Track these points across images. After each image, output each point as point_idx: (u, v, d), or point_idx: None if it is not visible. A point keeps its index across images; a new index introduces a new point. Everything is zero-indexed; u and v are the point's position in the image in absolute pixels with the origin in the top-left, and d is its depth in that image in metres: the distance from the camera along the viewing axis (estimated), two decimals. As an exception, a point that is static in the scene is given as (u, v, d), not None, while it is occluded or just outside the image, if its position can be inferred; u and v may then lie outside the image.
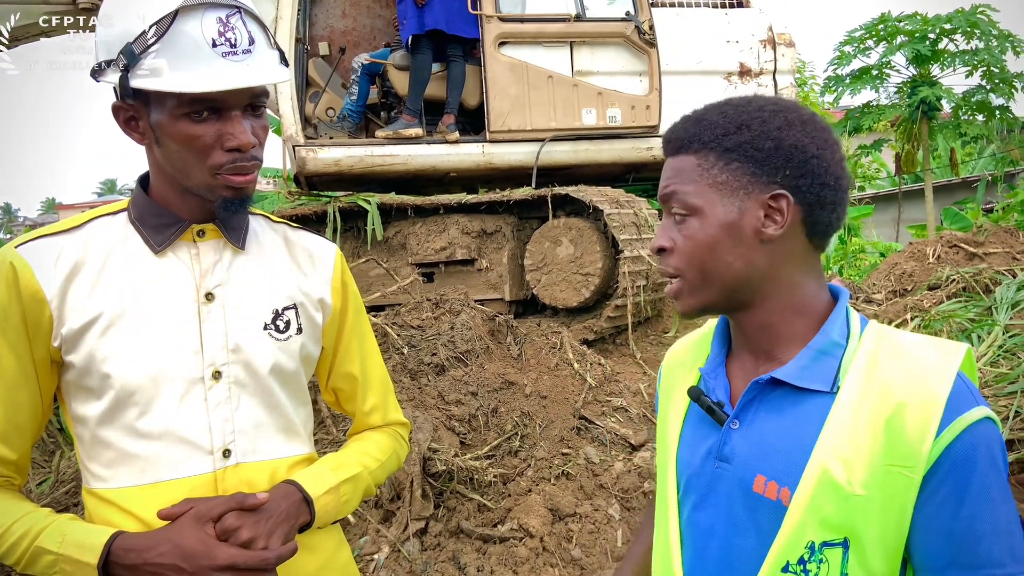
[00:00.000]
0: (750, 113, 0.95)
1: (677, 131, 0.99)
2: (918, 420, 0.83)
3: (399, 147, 5.32)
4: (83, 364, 1.08)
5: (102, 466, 1.10)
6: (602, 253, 4.67)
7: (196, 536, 1.01)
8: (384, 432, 1.38)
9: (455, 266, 5.14)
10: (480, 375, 3.69)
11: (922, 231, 11.71)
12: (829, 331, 0.94)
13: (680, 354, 1.17)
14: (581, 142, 5.63)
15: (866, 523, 0.85)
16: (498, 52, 5.37)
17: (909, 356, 0.89)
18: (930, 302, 4.90)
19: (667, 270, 0.99)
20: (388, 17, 6.32)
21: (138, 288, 1.11)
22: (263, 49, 1.10)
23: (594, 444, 3.48)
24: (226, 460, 1.12)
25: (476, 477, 3.16)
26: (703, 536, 0.98)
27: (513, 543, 2.90)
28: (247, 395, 1.15)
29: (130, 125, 1.12)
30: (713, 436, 0.99)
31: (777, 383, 0.94)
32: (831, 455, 0.86)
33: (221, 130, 1.08)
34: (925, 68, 10.08)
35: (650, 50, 5.62)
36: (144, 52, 1.03)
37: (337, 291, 1.30)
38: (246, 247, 1.20)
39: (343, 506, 1.20)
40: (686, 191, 0.96)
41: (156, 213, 1.15)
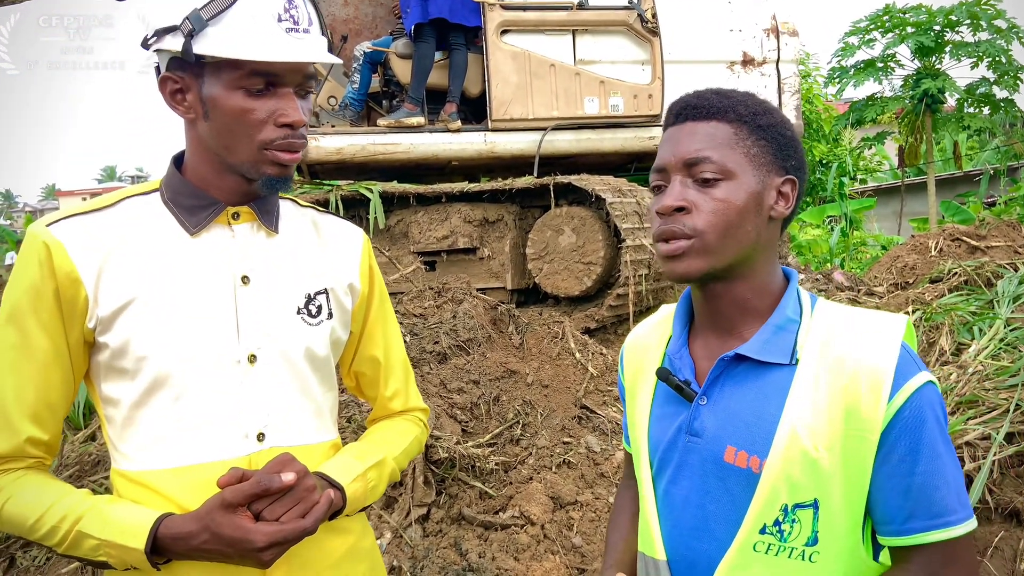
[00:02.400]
0: (766, 103, 1.03)
1: (704, 99, 1.01)
2: (871, 388, 0.92)
3: (401, 135, 5.31)
4: (118, 346, 1.07)
5: (135, 448, 1.10)
6: (604, 242, 4.66)
7: (231, 524, 0.99)
8: (405, 418, 1.39)
9: (457, 255, 5.14)
10: (482, 364, 3.69)
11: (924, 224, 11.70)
12: (784, 308, 1.02)
13: (641, 338, 1.22)
14: (583, 131, 5.61)
15: (832, 484, 0.93)
16: (500, 40, 5.35)
17: (858, 329, 0.98)
18: (932, 295, 4.90)
19: (679, 229, 0.98)
20: (390, 5, 6.29)
21: (174, 270, 1.10)
22: (317, 32, 1.12)
23: (595, 433, 3.48)
24: (260, 444, 1.12)
25: (478, 465, 3.17)
26: (679, 507, 1.05)
27: (514, 530, 2.91)
28: (281, 379, 1.15)
29: (175, 98, 1.10)
30: (682, 413, 1.05)
31: (741, 358, 1.01)
32: (797, 423, 0.94)
33: (275, 106, 1.08)
34: (929, 60, 10.04)
35: (653, 39, 5.60)
36: (212, 19, 1.03)
37: (365, 276, 1.30)
38: (279, 230, 1.20)
39: (370, 492, 1.21)
40: (723, 155, 0.98)
41: (191, 194, 1.14)
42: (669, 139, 1.03)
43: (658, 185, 1.04)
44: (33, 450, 1.08)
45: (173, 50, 1.05)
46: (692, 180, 0.99)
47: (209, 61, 1.05)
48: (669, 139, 1.03)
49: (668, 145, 1.03)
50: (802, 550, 0.94)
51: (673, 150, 1.01)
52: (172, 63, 1.08)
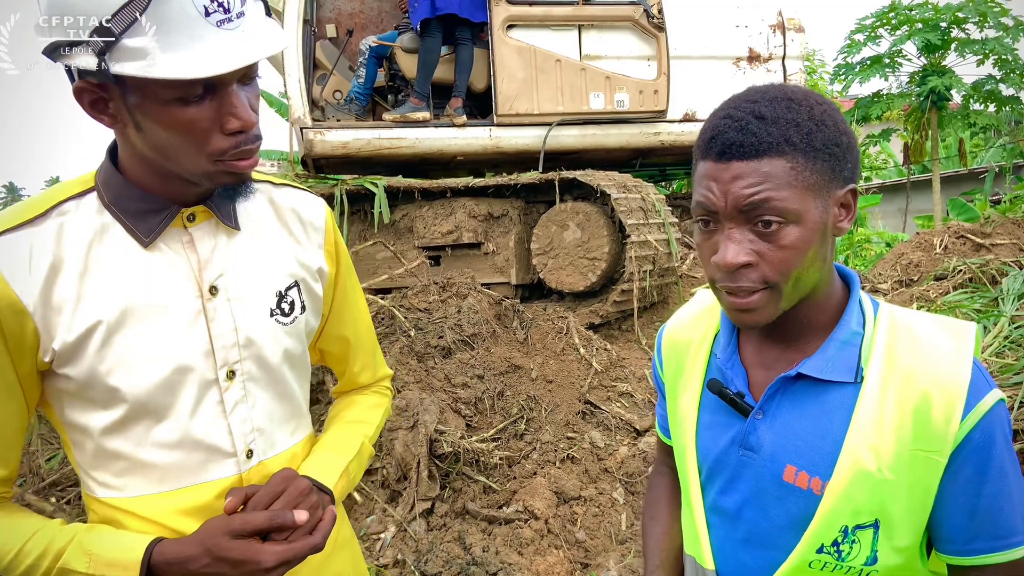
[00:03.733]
0: (812, 108, 0.92)
1: (751, 133, 0.88)
2: (943, 407, 0.87)
3: (406, 130, 5.31)
4: (84, 378, 0.96)
5: (112, 475, 1.01)
6: (609, 238, 4.66)
7: (237, 546, 0.95)
8: (374, 390, 1.35)
9: (462, 249, 5.14)
10: (486, 358, 3.70)
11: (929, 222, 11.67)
12: (848, 321, 0.96)
13: (682, 330, 1.17)
14: (588, 126, 5.61)
15: (894, 504, 0.89)
16: (506, 35, 5.34)
17: (926, 343, 0.92)
18: (936, 292, 4.90)
19: (747, 284, 0.90)
20: (395, 0, 6.29)
21: (132, 288, 0.98)
22: (253, 7, 0.95)
23: (599, 428, 3.49)
24: (249, 461, 1.07)
25: (482, 459, 3.18)
26: (731, 519, 1.02)
27: (518, 524, 2.92)
28: (261, 389, 1.08)
29: (97, 108, 0.94)
30: (735, 425, 1.01)
31: (801, 375, 0.96)
32: (862, 444, 0.90)
33: (219, 110, 0.93)
34: (935, 57, 10.00)
35: (659, 34, 5.58)
36: (127, 31, 0.85)
37: (331, 255, 1.21)
38: (240, 224, 1.09)
39: (351, 483, 1.19)
40: (783, 197, 0.87)
41: (137, 197, 1.00)
42: (713, 178, 0.90)
43: (705, 220, 0.93)
44: None
45: (86, 67, 0.88)
46: (751, 227, 0.89)
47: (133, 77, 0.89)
48: (713, 178, 0.90)
49: (714, 186, 0.90)
50: (860, 569, 0.91)
51: (723, 195, 0.89)
52: (85, 71, 0.90)
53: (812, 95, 0.94)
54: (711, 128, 0.92)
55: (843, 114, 0.96)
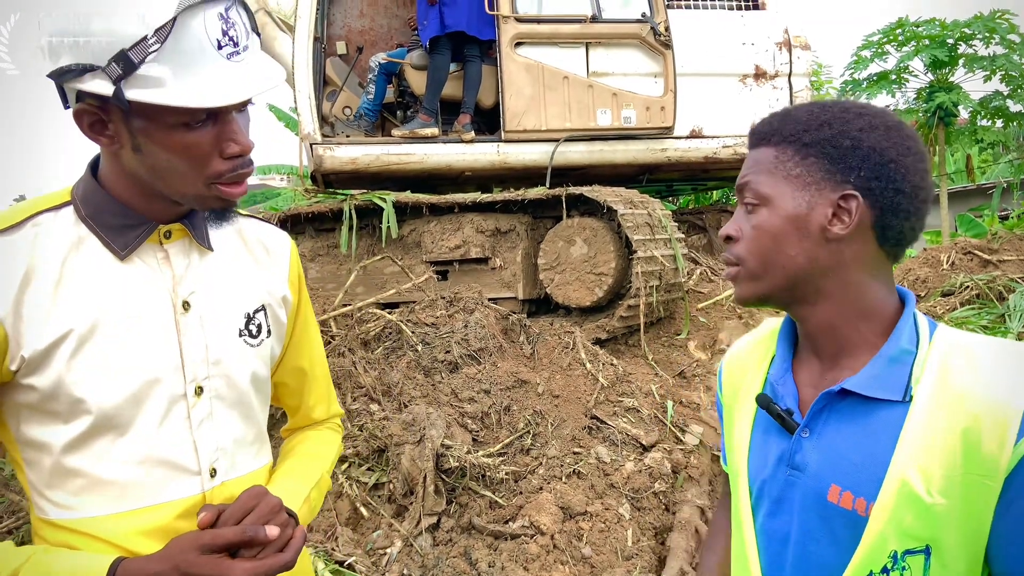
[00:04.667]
0: (834, 113, 0.97)
1: (761, 124, 1.02)
2: (995, 430, 0.84)
3: (415, 146, 5.36)
4: (49, 388, 0.95)
5: (68, 494, 0.99)
6: (615, 253, 4.68)
7: (206, 562, 0.93)
8: (327, 427, 1.35)
9: (469, 264, 5.17)
10: (493, 373, 3.71)
11: (937, 237, 11.65)
12: (899, 338, 0.94)
13: (742, 355, 1.17)
14: (596, 142, 5.64)
15: (947, 530, 0.86)
16: (514, 52, 5.39)
17: (980, 364, 0.89)
18: (943, 309, 4.90)
19: (728, 257, 1.01)
20: (404, 17, 6.36)
21: (105, 299, 0.99)
22: (253, 39, 1.00)
23: (605, 444, 3.50)
24: (213, 480, 1.06)
25: (488, 474, 3.19)
26: (778, 543, 1.00)
27: (524, 540, 2.93)
28: (226, 408, 1.08)
29: (95, 129, 0.97)
30: (783, 443, 1.00)
31: (847, 392, 0.94)
32: (909, 465, 0.87)
33: (219, 136, 0.97)
34: (942, 73, 10.02)
35: (665, 51, 5.62)
36: (144, 60, 0.89)
37: (294, 285, 1.23)
38: (213, 246, 1.11)
39: (312, 512, 1.20)
40: (759, 181, 0.98)
41: (116, 212, 1.01)
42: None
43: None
44: None
45: (99, 92, 0.90)
46: (743, 207, 1.01)
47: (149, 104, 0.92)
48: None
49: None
50: None
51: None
52: (86, 92, 0.93)
53: (855, 107, 0.97)
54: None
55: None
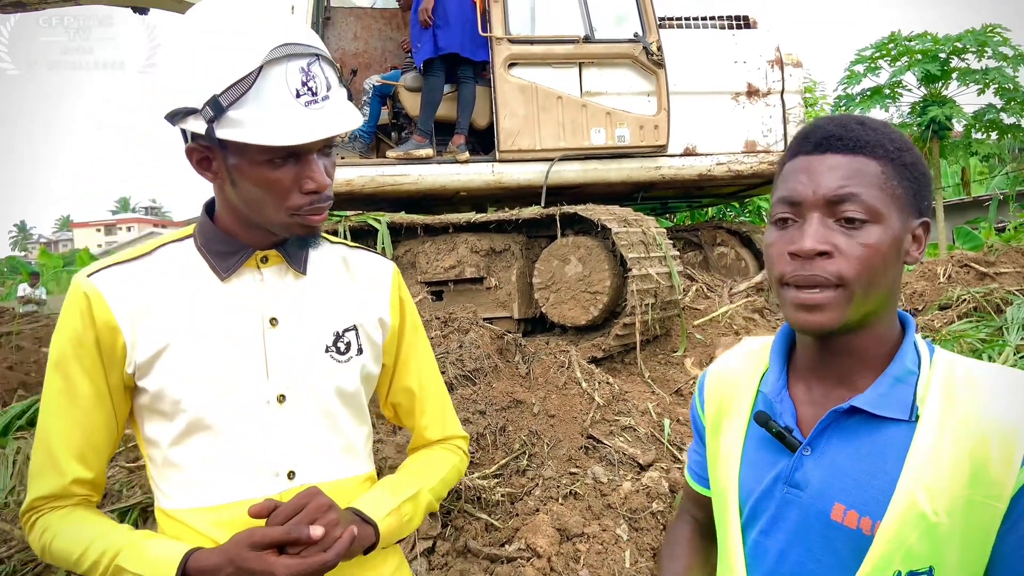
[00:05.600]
0: (903, 135, 0.95)
1: (850, 129, 0.92)
2: (1001, 452, 0.85)
3: (410, 167, 5.37)
4: (156, 390, 1.11)
5: (173, 486, 1.14)
6: (610, 271, 4.68)
7: (255, 558, 1.02)
8: (443, 447, 1.41)
9: (464, 284, 5.17)
10: (488, 393, 3.70)
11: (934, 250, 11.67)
12: (903, 358, 0.94)
13: (728, 371, 1.15)
14: (590, 161, 5.67)
15: (949, 551, 0.86)
16: (508, 73, 5.43)
17: (985, 387, 0.90)
18: (941, 322, 4.89)
19: (821, 277, 0.89)
20: (398, 40, 6.41)
21: (206, 314, 1.14)
22: (336, 91, 1.12)
23: (602, 463, 3.47)
24: (291, 481, 1.15)
25: (484, 496, 3.16)
26: (773, 561, 0.99)
27: (520, 563, 2.90)
28: (310, 417, 1.18)
29: (202, 165, 1.13)
30: (781, 461, 0.99)
31: (854, 410, 0.94)
32: (917, 485, 0.87)
33: (299, 173, 1.10)
34: (935, 87, 10.09)
35: (658, 71, 5.66)
36: (232, 104, 1.03)
37: (395, 308, 1.33)
38: (307, 271, 1.23)
39: (405, 525, 1.23)
40: (872, 195, 0.89)
41: (222, 240, 1.17)
42: (805, 170, 0.93)
43: (785, 218, 0.94)
44: (79, 489, 1.14)
45: (197, 131, 1.07)
46: (834, 220, 0.90)
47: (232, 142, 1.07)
48: (805, 170, 0.93)
49: (804, 177, 0.92)
50: None
51: (813, 183, 0.91)
52: (195, 134, 1.10)
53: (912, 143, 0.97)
54: (809, 127, 0.96)
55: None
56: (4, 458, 4.64)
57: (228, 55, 1.04)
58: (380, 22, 6.53)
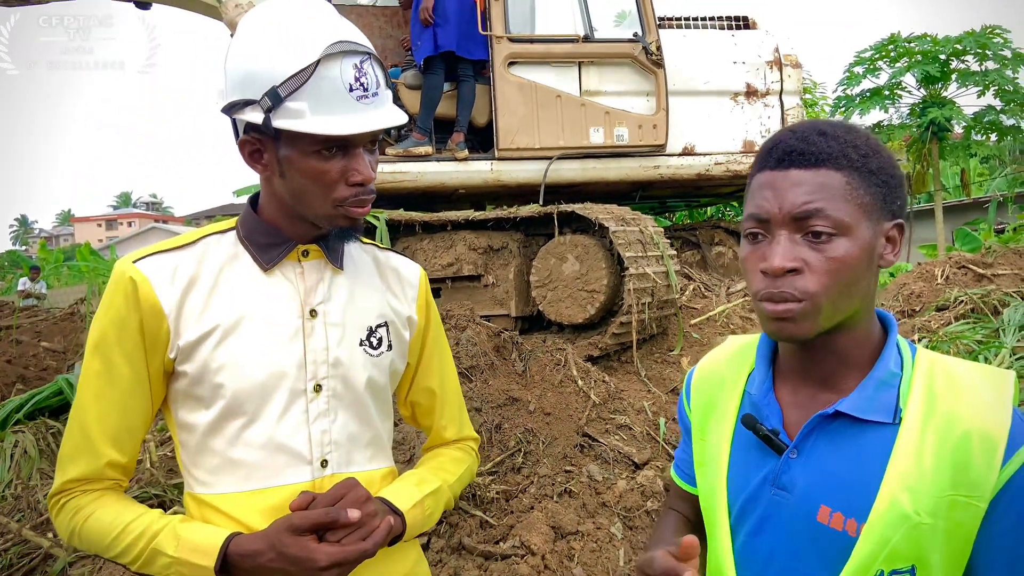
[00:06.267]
0: (870, 139, 0.95)
1: (811, 143, 0.92)
2: (983, 453, 0.87)
3: (409, 164, 5.39)
4: (196, 374, 1.14)
5: (207, 472, 1.17)
6: (608, 270, 4.69)
7: (296, 544, 1.05)
8: (459, 447, 1.45)
9: (462, 282, 5.18)
10: (484, 391, 3.71)
11: (933, 251, 11.68)
12: (887, 360, 0.96)
13: (715, 370, 1.16)
14: (589, 160, 5.68)
15: (932, 550, 0.88)
16: (507, 72, 5.44)
17: (966, 387, 0.92)
18: (938, 323, 4.90)
19: (790, 291, 0.91)
20: (398, 37, 6.41)
21: (248, 303, 1.18)
22: (384, 91, 1.17)
23: (597, 462, 3.48)
24: (323, 470, 1.18)
25: (479, 493, 3.17)
26: (761, 562, 1.00)
27: (515, 560, 2.91)
28: (343, 408, 1.21)
29: (253, 157, 1.17)
30: (768, 463, 1.00)
31: (839, 414, 0.95)
32: (899, 487, 0.89)
33: (346, 166, 1.14)
34: (935, 89, 10.09)
35: (657, 71, 5.67)
36: (290, 95, 1.08)
37: (422, 310, 1.38)
38: (344, 267, 1.27)
39: (427, 519, 1.26)
40: (837, 208, 0.90)
41: (265, 233, 1.21)
42: (770, 186, 0.93)
43: (755, 233, 0.96)
44: (112, 472, 1.15)
45: (254, 121, 1.11)
46: (801, 235, 0.91)
47: (286, 131, 1.11)
48: (770, 186, 0.93)
49: (770, 193, 0.93)
50: None
51: (778, 201, 0.92)
52: (249, 127, 1.15)
53: (869, 131, 0.98)
54: (772, 141, 0.97)
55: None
56: (2, 452, 4.66)
57: (288, 49, 1.09)
58: (381, 20, 6.54)
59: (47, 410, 5.13)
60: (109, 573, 2.91)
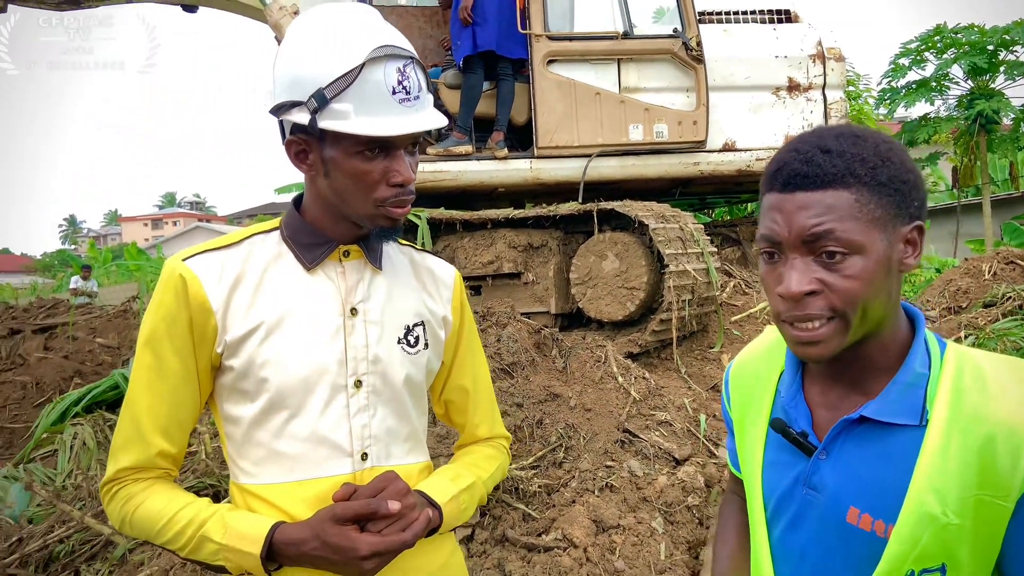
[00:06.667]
0: (878, 144, 0.94)
1: (815, 164, 0.92)
2: (1008, 452, 0.87)
3: (449, 163, 5.46)
4: (242, 368, 1.18)
5: (252, 463, 1.21)
6: (647, 267, 4.70)
7: (339, 533, 1.09)
8: (491, 445, 1.48)
9: (502, 279, 5.23)
10: (526, 387, 3.76)
11: (981, 246, 11.41)
12: (913, 362, 0.96)
13: (750, 366, 1.19)
14: (628, 157, 5.68)
15: (961, 549, 0.89)
16: (546, 70, 5.47)
17: (993, 385, 0.92)
18: (985, 320, 4.82)
19: (815, 313, 0.92)
20: (438, 37, 6.49)
21: (292, 301, 1.21)
22: (426, 95, 1.21)
23: (638, 457, 3.51)
24: (363, 463, 1.22)
25: (521, 487, 3.23)
26: (795, 557, 1.03)
27: (557, 552, 2.96)
28: (382, 403, 1.25)
29: (299, 157, 1.21)
30: (800, 463, 1.03)
31: (865, 418, 0.96)
32: (927, 488, 0.90)
33: (388, 167, 1.17)
34: (982, 80, 9.86)
35: (697, 66, 5.66)
36: (335, 97, 1.12)
37: (457, 310, 1.41)
38: (383, 267, 1.30)
39: (462, 513, 1.30)
40: (847, 228, 0.90)
41: (309, 233, 1.25)
42: (778, 209, 0.94)
43: (770, 252, 0.96)
44: (162, 462, 1.20)
45: (300, 122, 1.15)
46: (814, 257, 0.91)
47: (331, 131, 1.15)
48: (778, 209, 0.94)
49: (778, 216, 0.93)
50: None
51: (787, 224, 0.92)
52: (296, 128, 1.18)
53: (878, 134, 0.96)
54: (777, 161, 0.96)
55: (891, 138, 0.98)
56: (63, 443, 4.86)
57: (334, 53, 1.13)
58: (421, 20, 6.62)
59: (104, 403, 5.31)
60: (168, 559, 3.03)
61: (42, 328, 7.47)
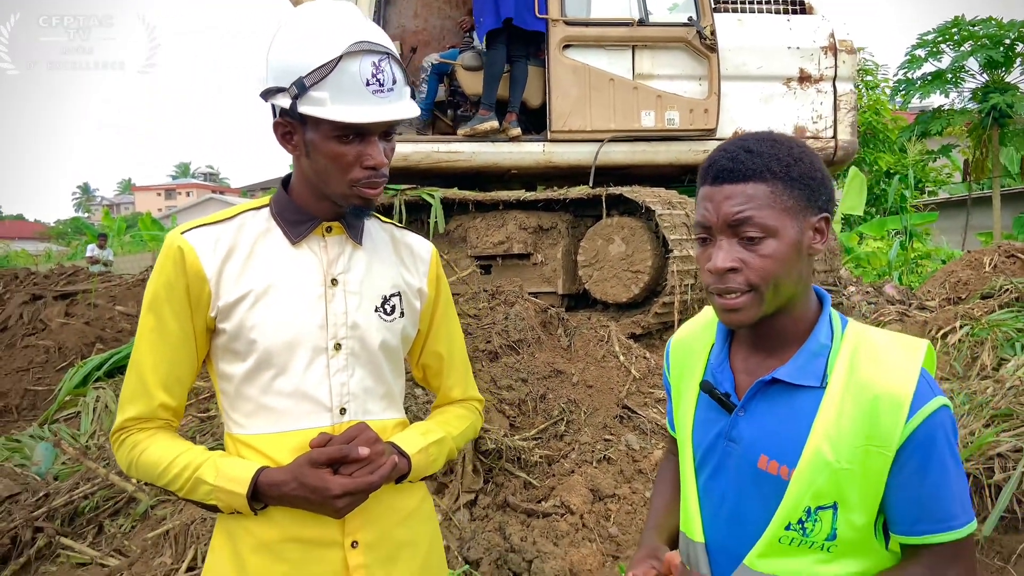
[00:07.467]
0: (792, 147, 1.12)
1: (739, 161, 1.09)
2: (890, 411, 1.06)
3: (464, 144, 5.56)
4: (233, 331, 1.31)
5: (243, 416, 1.34)
6: (652, 252, 4.83)
7: (314, 475, 1.23)
8: (463, 405, 1.62)
9: (512, 259, 5.37)
10: (531, 363, 3.92)
11: (991, 239, 11.44)
12: (818, 334, 1.15)
13: (686, 340, 1.38)
14: (639, 143, 5.77)
15: (850, 489, 1.07)
16: (562, 55, 5.56)
17: (882, 357, 1.11)
18: (981, 311, 4.93)
19: (735, 286, 1.09)
20: (457, 18, 6.58)
21: (278, 271, 1.34)
22: (401, 88, 1.32)
23: (635, 432, 3.67)
24: (342, 417, 1.34)
25: (523, 457, 3.39)
26: (717, 500, 1.22)
27: (555, 518, 3.13)
28: (360, 365, 1.37)
29: (285, 138, 1.34)
30: (722, 420, 1.21)
31: (776, 380, 1.15)
32: (823, 439, 1.08)
33: (362, 151, 1.29)
34: (998, 74, 9.85)
35: (711, 55, 5.72)
36: (314, 85, 1.24)
37: (432, 283, 1.53)
38: (363, 243, 1.43)
39: (431, 464, 1.44)
40: (763, 215, 1.07)
41: (295, 211, 1.38)
42: (709, 199, 1.11)
43: (703, 238, 1.13)
44: (164, 413, 1.34)
45: (284, 106, 1.29)
46: (738, 240, 1.09)
47: (310, 116, 1.28)
48: (709, 199, 1.11)
49: (709, 205, 1.11)
50: (821, 543, 1.09)
51: (716, 211, 1.10)
52: (283, 111, 1.31)
53: (793, 139, 1.15)
54: (710, 159, 1.14)
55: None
56: (85, 406, 5.06)
57: (315, 45, 1.25)
58: (439, 1, 6.71)
59: (125, 369, 5.47)
60: (189, 515, 3.21)
61: (63, 295, 7.65)
